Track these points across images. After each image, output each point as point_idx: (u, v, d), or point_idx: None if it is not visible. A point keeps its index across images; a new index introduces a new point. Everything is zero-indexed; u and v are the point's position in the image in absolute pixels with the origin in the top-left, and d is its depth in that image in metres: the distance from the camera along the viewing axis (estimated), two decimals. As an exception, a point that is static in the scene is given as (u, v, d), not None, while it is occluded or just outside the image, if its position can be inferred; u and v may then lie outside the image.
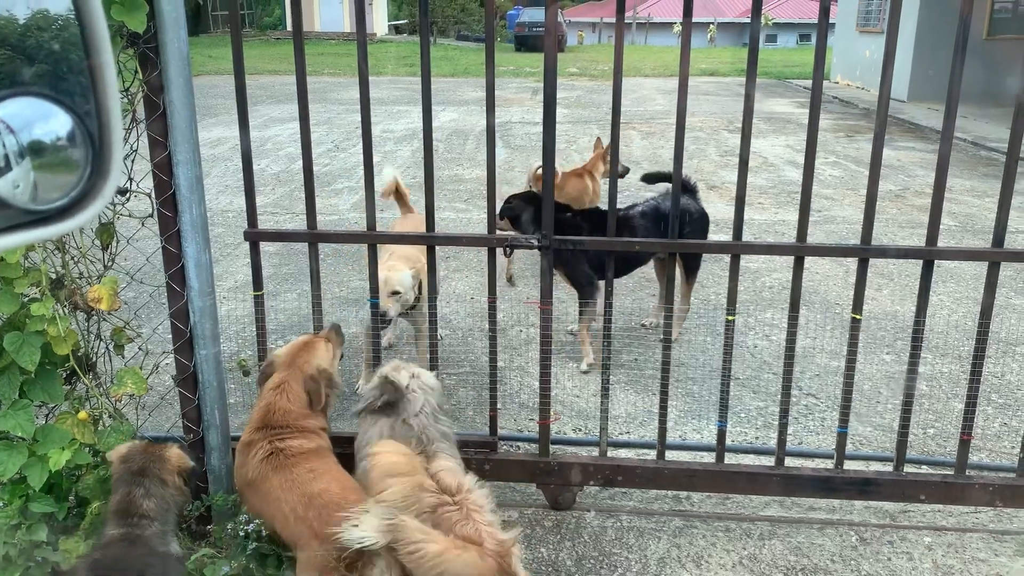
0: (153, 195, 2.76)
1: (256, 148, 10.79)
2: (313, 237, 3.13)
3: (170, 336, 2.90)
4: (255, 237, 3.11)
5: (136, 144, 2.73)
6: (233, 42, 2.93)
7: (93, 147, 0.93)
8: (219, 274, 5.96)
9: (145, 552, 2.25)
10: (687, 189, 4.71)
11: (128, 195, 2.79)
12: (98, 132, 0.93)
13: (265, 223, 7.08)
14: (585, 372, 4.45)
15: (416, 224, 4.24)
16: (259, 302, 3.16)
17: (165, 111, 2.64)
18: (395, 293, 3.91)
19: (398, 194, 4.96)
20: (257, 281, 3.14)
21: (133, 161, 2.72)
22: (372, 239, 3.13)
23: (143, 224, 2.83)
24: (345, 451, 2.85)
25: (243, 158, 3.00)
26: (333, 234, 3.45)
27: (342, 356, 3.05)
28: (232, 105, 3.08)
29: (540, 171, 4.00)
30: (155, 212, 2.78)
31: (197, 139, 2.72)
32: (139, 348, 3.04)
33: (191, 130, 2.68)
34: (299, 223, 7.30)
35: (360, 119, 2.97)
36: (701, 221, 4.72)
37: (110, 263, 2.85)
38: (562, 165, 6.40)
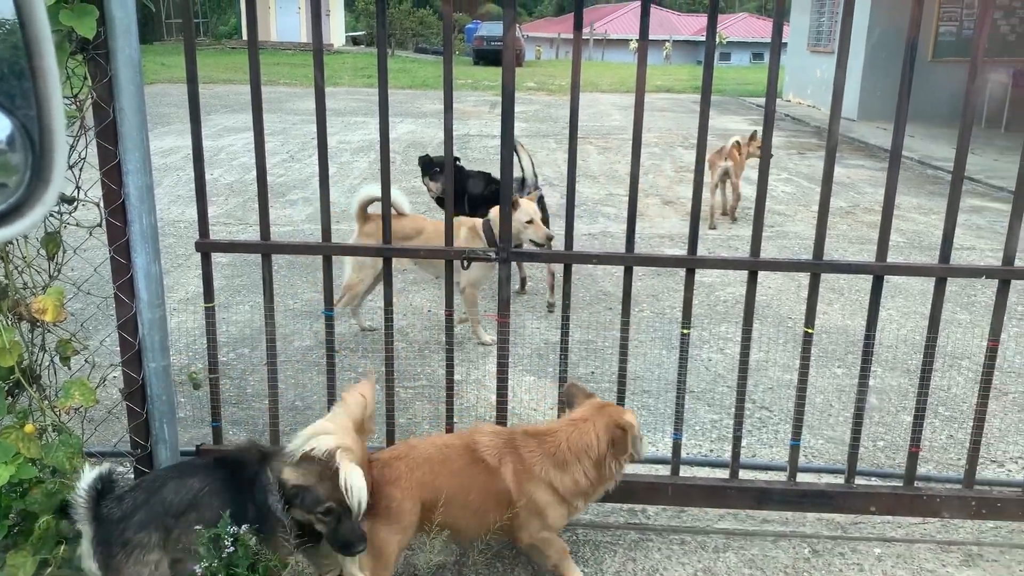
0: (102, 204, 2.70)
1: (210, 158, 10.66)
2: (266, 248, 3.08)
3: (118, 348, 2.83)
4: (206, 248, 3.06)
5: (85, 152, 2.67)
6: (186, 49, 2.88)
7: (34, 152, 0.90)
8: (170, 285, 5.85)
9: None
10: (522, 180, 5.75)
11: (75, 204, 2.72)
12: (40, 137, 0.90)
13: (218, 233, 6.97)
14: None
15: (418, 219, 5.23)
16: (210, 314, 3.10)
17: (115, 118, 2.59)
18: (530, 222, 4.66)
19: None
20: (208, 293, 3.09)
21: (81, 169, 2.66)
22: (327, 251, 3.09)
23: (91, 234, 2.76)
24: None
25: (195, 167, 2.95)
26: (287, 245, 3.41)
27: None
28: (185, 114, 3.03)
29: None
30: (103, 221, 2.71)
31: (148, 147, 2.67)
32: (85, 361, 2.96)
33: (142, 138, 2.63)
34: (252, 234, 7.21)
35: (316, 129, 2.94)
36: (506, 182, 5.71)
37: (56, 273, 2.78)
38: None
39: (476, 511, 2.67)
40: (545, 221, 5.03)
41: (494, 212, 4.77)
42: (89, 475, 2.36)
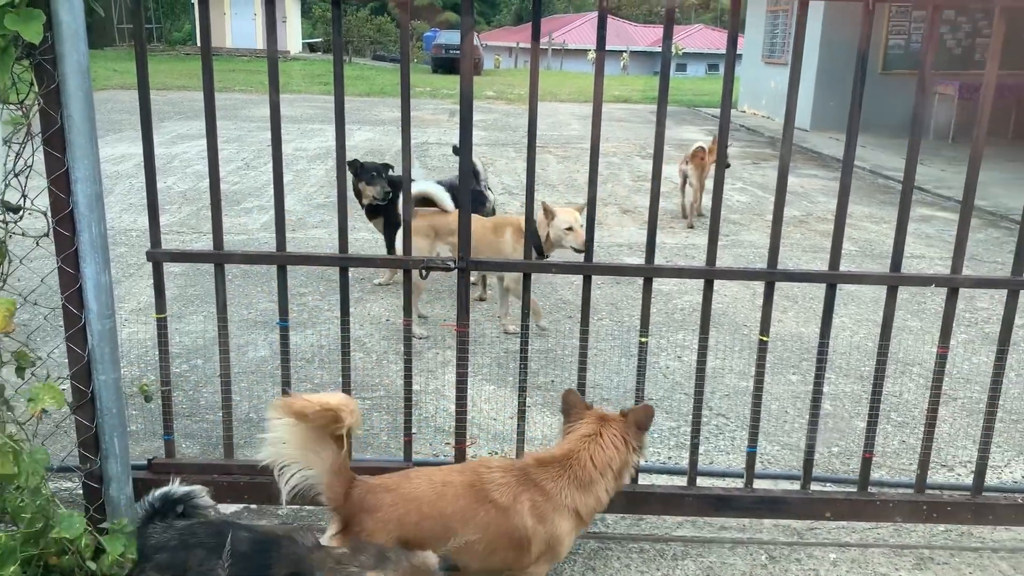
0: (49, 213, 2.63)
1: (163, 165, 10.49)
2: (219, 258, 3.03)
3: (66, 360, 2.76)
4: (158, 257, 3.00)
5: (31, 159, 2.60)
6: (137, 54, 2.83)
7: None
8: (121, 295, 5.73)
9: None
10: (474, 173, 5.97)
11: (21, 212, 2.65)
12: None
13: (171, 243, 6.86)
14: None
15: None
16: (162, 325, 3.04)
17: (63, 125, 2.53)
18: (569, 229, 5.02)
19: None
20: (160, 303, 3.02)
21: (28, 177, 2.59)
22: (281, 260, 3.05)
23: (37, 243, 2.69)
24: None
25: (146, 174, 2.89)
26: (240, 254, 3.34)
27: None
28: (137, 121, 2.97)
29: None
30: (51, 231, 2.65)
31: (97, 155, 2.61)
32: (31, 374, 2.88)
33: (91, 145, 2.57)
34: (206, 243, 7.09)
35: (271, 137, 2.91)
36: (480, 198, 6.08)
37: (2, 284, 2.70)
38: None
39: (479, 553, 2.52)
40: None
41: (538, 212, 5.08)
42: (159, 491, 2.34)
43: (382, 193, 6.03)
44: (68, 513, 2.63)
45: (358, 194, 6.17)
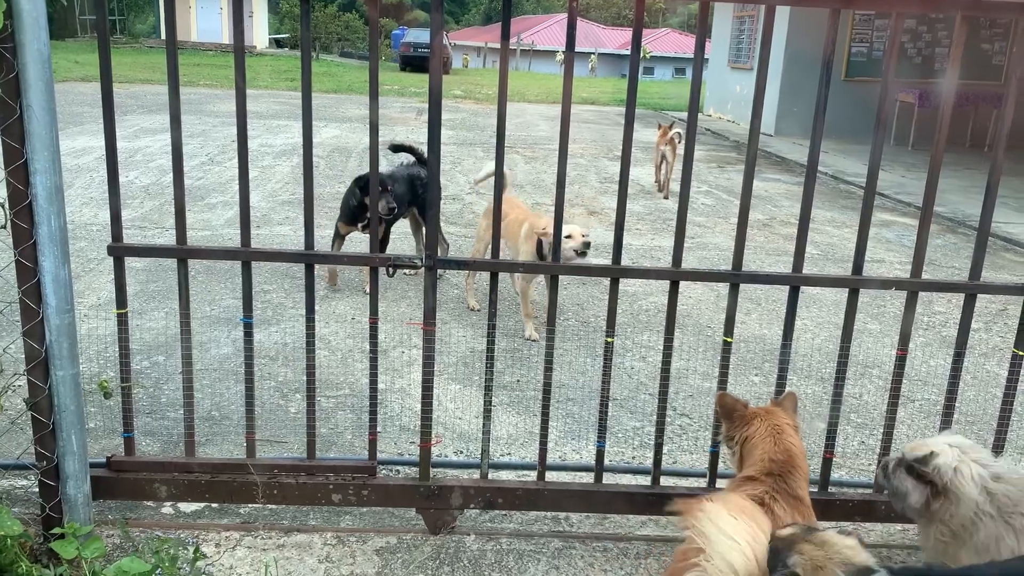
0: (7, 205, 2.58)
1: (125, 159, 10.32)
2: (182, 253, 2.99)
3: (23, 356, 2.70)
4: (119, 252, 2.95)
5: (-11, 150, 2.54)
6: (100, 45, 2.78)
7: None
8: (81, 290, 5.63)
9: None
10: (421, 161, 6.49)
11: (-22, 204, 2.59)
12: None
13: (133, 238, 6.75)
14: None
15: (512, 204, 5.78)
16: (122, 320, 2.99)
17: (22, 115, 2.48)
18: (568, 237, 4.89)
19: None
20: (121, 298, 2.97)
21: (-16, 168, 2.54)
22: (245, 256, 3.02)
23: (-6, 236, 2.63)
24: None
25: (108, 167, 2.84)
26: (204, 250, 3.29)
27: None
28: (99, 114, 2.92)
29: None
30: (8, 223, 2.59)
31: (58, 146, 2.56)
32: (-13, 369, 2.82)
33: (51, 137, 2.52)
34: (169, 238, 6.99)
35: (236, 132, 2.88)
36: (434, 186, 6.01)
37: (-45, 277, 2.64)
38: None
39: None
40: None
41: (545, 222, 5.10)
42: None
43: (387, 209, 5.74)
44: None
45: (363, 209, 5.87)
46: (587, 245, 5.05)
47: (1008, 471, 2.51)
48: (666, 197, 10.35)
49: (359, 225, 6.04)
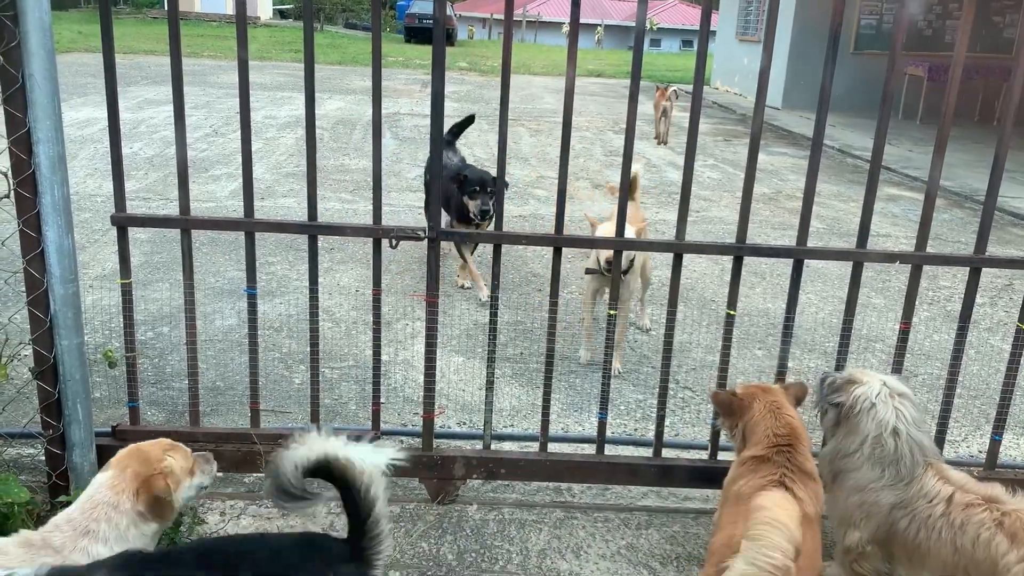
0: (10, 174, 2.58)
1: (129, 131, 10.30)
2: (186, 223, 2.99)
3: (28, 326, 2.72)
4: (123, 222, 2.95)
5: (-9, 119, 2.54)
6: (102, 15, 2.76)
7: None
8: (86, 261, 5.65)
9: None
10: (450, 145, 6.07)
11: (-19, 174, 2.59)
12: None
13: (137, 209, 6.75)
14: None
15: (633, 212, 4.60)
16: (126, 291, 3.00)
17: (24, 84, 2.47)
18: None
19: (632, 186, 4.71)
20: (125, 269, 2.98)
21: (-13, 137, 2.53)
22: (249, 227, 3.02)
23: (-2, 205, 2.64)
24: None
25: (111, 136, 2.84)
26: (208, 220, 3.30)
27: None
28: (102, 84, 2.91)
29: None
30: (12, 193, 2.60)
31: (60, 116, 2.56)
32: (-8, 339, 2.84)
33: (53, 106, 2.52)
34: (173, 209, 6.99)
35: (239, 104, 2.86)
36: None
37: (-40, 247, 2.65)
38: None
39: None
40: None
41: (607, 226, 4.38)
42: None
43: (479, 210, 5.32)
44: (3, 477, 2.59)
45: (463, 207, 5.41)
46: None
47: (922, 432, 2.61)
48: (664, 142, 12.05)
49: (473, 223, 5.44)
